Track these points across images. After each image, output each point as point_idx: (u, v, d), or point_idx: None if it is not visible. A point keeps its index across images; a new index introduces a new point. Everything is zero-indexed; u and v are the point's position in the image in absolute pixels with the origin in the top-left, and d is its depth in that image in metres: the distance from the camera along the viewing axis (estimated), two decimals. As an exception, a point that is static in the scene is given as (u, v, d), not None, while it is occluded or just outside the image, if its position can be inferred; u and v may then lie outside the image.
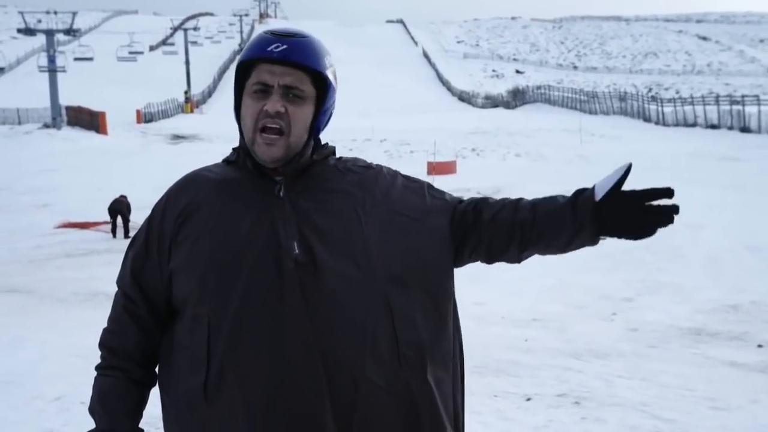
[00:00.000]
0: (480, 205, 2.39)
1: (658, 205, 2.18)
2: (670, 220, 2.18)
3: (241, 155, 2.31)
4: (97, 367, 2.36)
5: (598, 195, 2.21)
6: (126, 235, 22.42)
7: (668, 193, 2.18)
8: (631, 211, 2.20)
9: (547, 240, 2.31)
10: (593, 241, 2.28)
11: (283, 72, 2.20)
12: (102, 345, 2.36)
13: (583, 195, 2.26)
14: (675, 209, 2.17)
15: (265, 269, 2.14)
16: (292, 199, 2.22)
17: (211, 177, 2.33)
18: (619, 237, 2.24)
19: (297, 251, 2.14)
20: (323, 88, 2.28)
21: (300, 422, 2.08)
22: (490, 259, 2.39)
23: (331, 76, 2.28)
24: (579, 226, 2.24)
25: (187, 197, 2.29)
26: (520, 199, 2.37)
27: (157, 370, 2.38)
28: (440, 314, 2.28)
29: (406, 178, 2.44)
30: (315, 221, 2.20)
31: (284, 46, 2.20)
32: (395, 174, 2.44)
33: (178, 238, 2.25)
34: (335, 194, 2.27)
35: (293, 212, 2.20)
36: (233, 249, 2.17)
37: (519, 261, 2.41)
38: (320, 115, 2.29)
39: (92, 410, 2.32)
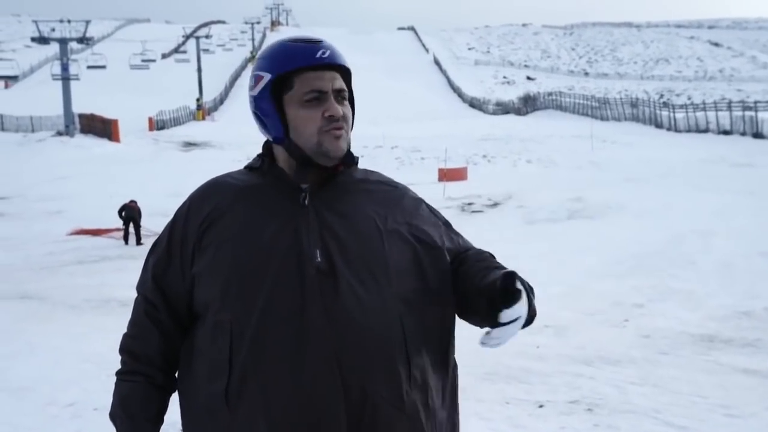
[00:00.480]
0: (467, 258, 2.42)
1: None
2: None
3: (266, 162, 2.34)
4: (118, 372, 2.37)
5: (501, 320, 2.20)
6: (138, 242, 22.53)
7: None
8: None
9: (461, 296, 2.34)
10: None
11: (332, 77, 2.26)
12: (123, 350, 2.37)
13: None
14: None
15: (287, 276, 2.15)
16: (317, 208, 2.24)
17: (235, 183, 2.34)
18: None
19: (319, 259, 2.16)
20: (350, 85, 2.35)
21: (318, 427, 2.09)
22: (459, 312, 2.40)
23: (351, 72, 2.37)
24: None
25: (211, 203, 2.29)
26: (483, 258, 2.41)
27: (177, 375, 2.38)
28: (442, 343, 2.34)
29: (429, 207, 2.48)
30: (338, 233, 2.21)
31: (329, 52, 2.26)
32: (420, 200, 2.47)
33: (202, 244, 2.26)
34: (360, 209, 2.29)
35: (317, 221, 2.22)
36: (256, 255, 2.18)
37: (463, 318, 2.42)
38: (354, 111, 2.37)
39: (113, 415, 2.33)
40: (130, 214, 23.26)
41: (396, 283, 2.23)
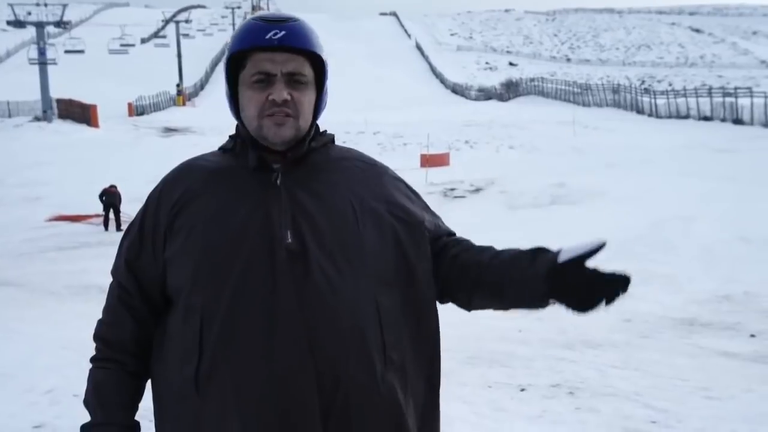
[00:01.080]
0: (453, 243, 2.39)
1: (609, 281, 2.13)
2: (615, 299, 2.13)
3: (238, 143, 2.29)
4: (92, 359, 2.34)
5: (562, 258, 2.14)
6: (118, 228, 22.49)
7: (626, 281, 2.12)
8: (587, 287, 2.14)
9: (499, 288, 2.29)
10: (542, 303, 2.24)
11: (285, 59, 2.17)
12: (96, 336, 2.34)
13: (545, 254, 2.21)
14: (623, 288, 2.12)
15: (258, 259, 2.11)
16: (289, 188, 2.20)
17: (207, 166, 2.31)
18: (565, 305, 2.19)
19: (290, 240, 2.12)
20: (321, 70, 2.27)
21: (290, 415, 2.06)
22: (441, 297, 2.38)
23: (326, 59, 2.27)
24: (533, 281, 2.19)
25: (183, 186, 2.26)
26: (488, 246, 2.38)
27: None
28: (423, 324, 2.29)
29: (409, 188, 2.44)
30: (310, 212, 2.17)
31: (282, 32, 2.17)
32: (399, 179, 2.43)
33: (174, 228, 2.22)
34: (335, 188, 2.25)
35: (289, 202, 2.17)
36: (227, 238, 2.14)
37: (469, 307, 2.41)
38: (320, 99, 2.28)
39: (87, 402, 2.31)
40: (111, 200, 23.23)
41: (371, 263, 2.18)
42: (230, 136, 2.34)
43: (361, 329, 2.12)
